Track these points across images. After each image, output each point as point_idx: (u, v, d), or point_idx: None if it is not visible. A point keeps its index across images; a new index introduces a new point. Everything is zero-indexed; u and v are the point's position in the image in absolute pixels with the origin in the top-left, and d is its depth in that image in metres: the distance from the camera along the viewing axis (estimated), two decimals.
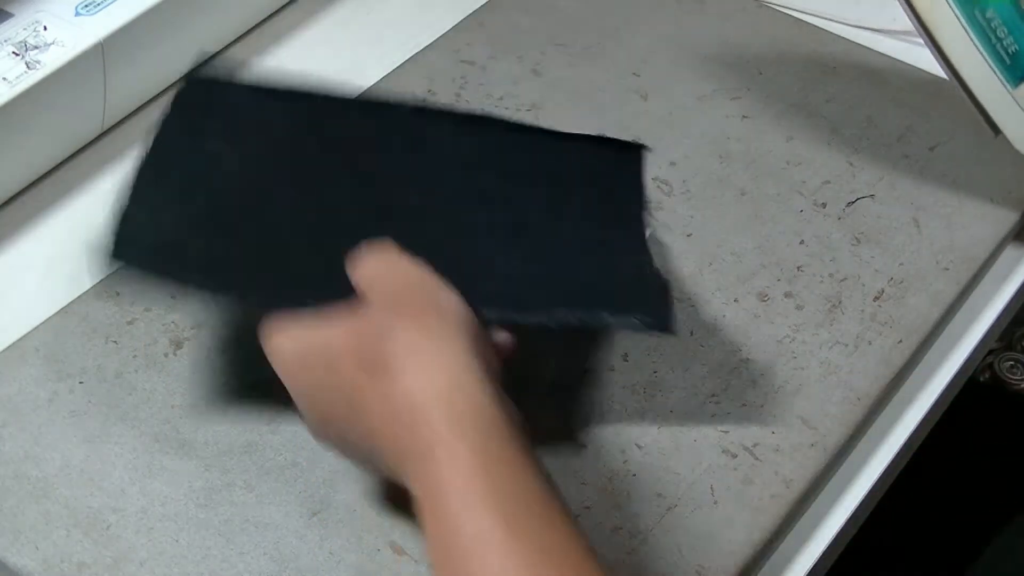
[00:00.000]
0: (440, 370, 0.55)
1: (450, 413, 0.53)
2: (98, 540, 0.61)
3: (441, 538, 0.52)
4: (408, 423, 0.54)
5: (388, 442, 0.55)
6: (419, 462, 0.53)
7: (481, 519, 0.51)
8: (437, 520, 0.52)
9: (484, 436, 0.53)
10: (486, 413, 0.54)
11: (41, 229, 0.77)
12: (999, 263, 0.77)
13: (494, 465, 0.52)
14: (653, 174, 0.78)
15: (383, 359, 0.55)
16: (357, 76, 0.86)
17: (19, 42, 0.76)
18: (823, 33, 0.88)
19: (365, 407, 0.55)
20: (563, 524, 0.52)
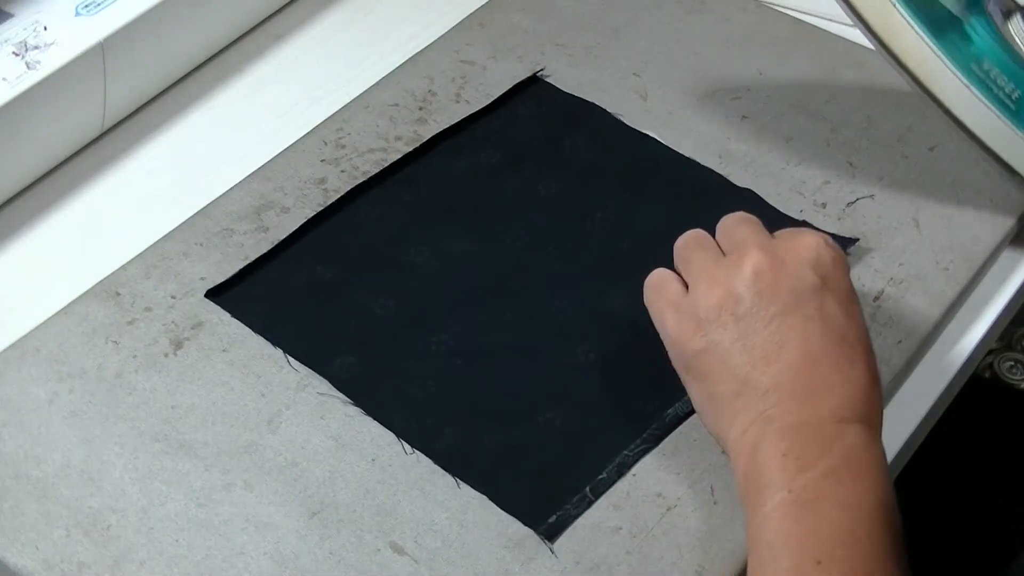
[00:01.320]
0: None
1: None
2: (98, 540, 0.61)
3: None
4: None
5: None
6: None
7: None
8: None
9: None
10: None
11: (41, 229, 0.77)
12: (999, 263, 0.77)
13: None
14: None
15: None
16: (357, 76, 0.86)
17: (19, 42, 0.76)
18: (823, 33, 0.88)
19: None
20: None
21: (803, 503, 0.56)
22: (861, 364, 0.60)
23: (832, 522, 0.55)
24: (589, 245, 0.74)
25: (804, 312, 0.60)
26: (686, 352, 0.62)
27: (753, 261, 0.61)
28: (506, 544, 0.61)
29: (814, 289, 0.60)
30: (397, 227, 0.74)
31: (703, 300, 0.61)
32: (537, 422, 0.65)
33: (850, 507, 0.56)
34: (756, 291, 0.60)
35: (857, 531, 0.55)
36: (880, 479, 0.57)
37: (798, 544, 0.55)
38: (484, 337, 0.69)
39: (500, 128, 0.80)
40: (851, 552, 0.55)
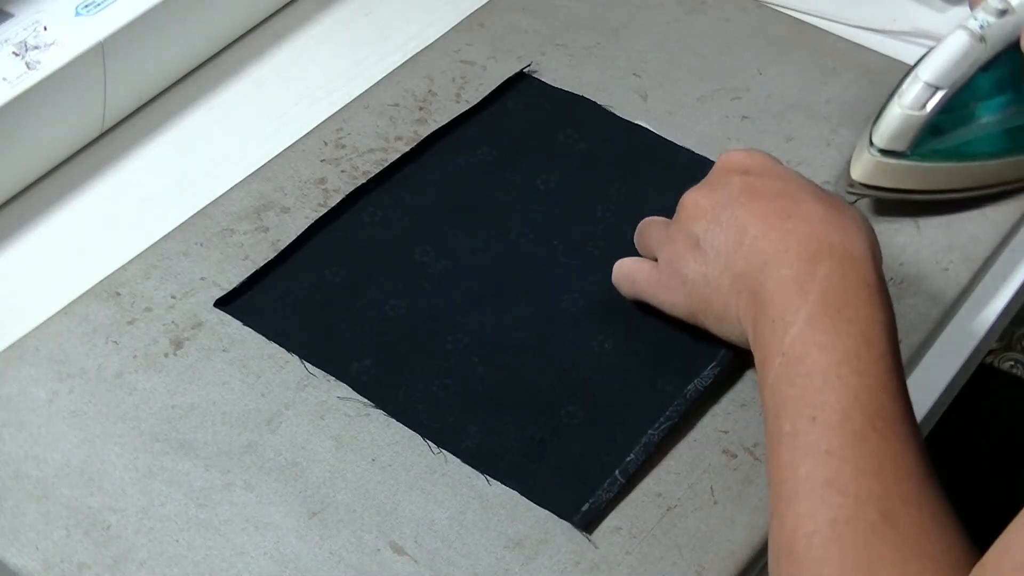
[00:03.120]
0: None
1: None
2: (98, 540, 0.61)
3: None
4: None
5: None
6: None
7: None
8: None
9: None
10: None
11: (41, 229, 0.77)
12: (999, 263, 0.77)
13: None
14: None
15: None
16: (357, 76, 0.86)
17: (19, 42, 0.76)
18: (823, 33, 0.88)
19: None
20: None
21: (794, 361, 0.58)
22: (810, 198, 0.63)
23: (820, 370, 0.57)
24: (593, 236, 0.74)
25: (742, 202, 0.64)
26: (685, 302, 0.66)
27: (687, 200, 0.67)
28: (506, 544, 0.61)
29: (741, 183, 0.65)
30: (401, 228, 0.75)
31: (671, 255, 0.66)
32: (559, 415, 0.66)
33: (833, 348, 0.57)
34: (699, 217, 0.65)
35: (841, 371, 0.57)
36: (863, 304, 0.59)
37: (794, 405, 0.57)
38: (499, 333, 0.69)
39: (493, 125, 0.80)
40: (839, 396, 0.56)
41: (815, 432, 0.56)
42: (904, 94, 0.73)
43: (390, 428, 0.65)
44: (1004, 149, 0.75)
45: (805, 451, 0.56)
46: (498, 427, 0.65)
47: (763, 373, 0.60)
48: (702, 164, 0.78)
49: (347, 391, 0.67)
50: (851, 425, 0.55)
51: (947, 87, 0.72)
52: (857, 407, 0.56)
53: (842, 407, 0.56)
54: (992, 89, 0.74)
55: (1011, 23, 0.71)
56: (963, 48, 0.71)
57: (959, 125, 0.75)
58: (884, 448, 0.55)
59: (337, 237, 0.74)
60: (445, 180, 0.77)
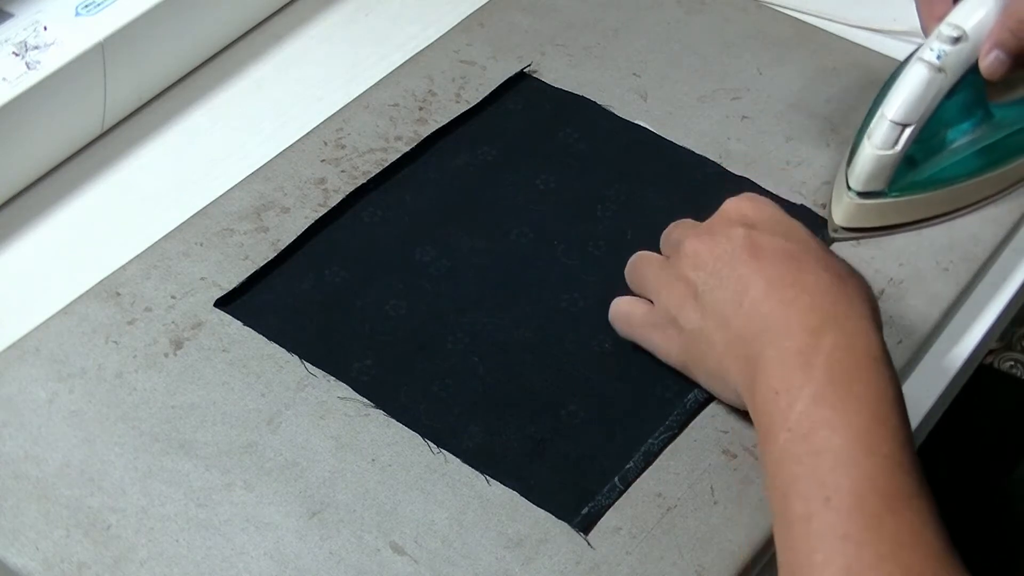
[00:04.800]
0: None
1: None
2: (98, 540, 0.61)
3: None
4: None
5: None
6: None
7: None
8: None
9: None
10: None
11: (41, 229, 0.77)
12: (999, 263, 0.77)
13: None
14: None
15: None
16: (357, 76, 0.86)
17: (19, 42, 0.76)
18: (823, 33, 0.88)
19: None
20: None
21: (801, 438, 0.56)
22: (815, 270, 0.61)
23: (831, 450, 0.55)
24: (593, 236, 0.74)
25: (746, 258, 0.62)
26: (679, 352, 0.65)
27: (688, 248, 0.65)
28: (506, 544, 0.61)
29: (745, 237, 0.63)
30: (401, 228, 0.74)
31: (668, 301, 0.65)
32: (560, 415, 0.66)
33: (845, 428, 0.56)
34: (699, 268, 0.64)
35: (855, 452, 0.55)
36: (871, 378, 0.58)
37: (804, 485, 0.55)
38: (499, 333, 0.69)
39: (493, 125, 0.80)
40: (853, 478, 0.55)
41: (829, 515, 0.54)
42: (874, 135, 0.72)
43: (390, 428, 0.65)
44: (979, 168, 0.75)
45: (820, 536, 0.54)
46: (498, 427, 0.65)
47: (766, 446, 0.58)
48: (702, 164, 0.78)
49: (347, 391, 0.67)
50: (867, 508, 0.54)
51: (915, 122, 0.72)
52: (872, 489, 0.54)
53: (856, 489, 0.54)
54: (959, 114, 0.74)
55: (967, 49, 0.71)
56: (924, 81, 0.71)
57: (932, 154, 0.74)
58: (902, 529, 0.53)
59: (337, 237, 0.74)
60: (445, 180, 0.77)
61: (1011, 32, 0.71)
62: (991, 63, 0.71)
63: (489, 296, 0.71)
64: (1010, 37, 0.71)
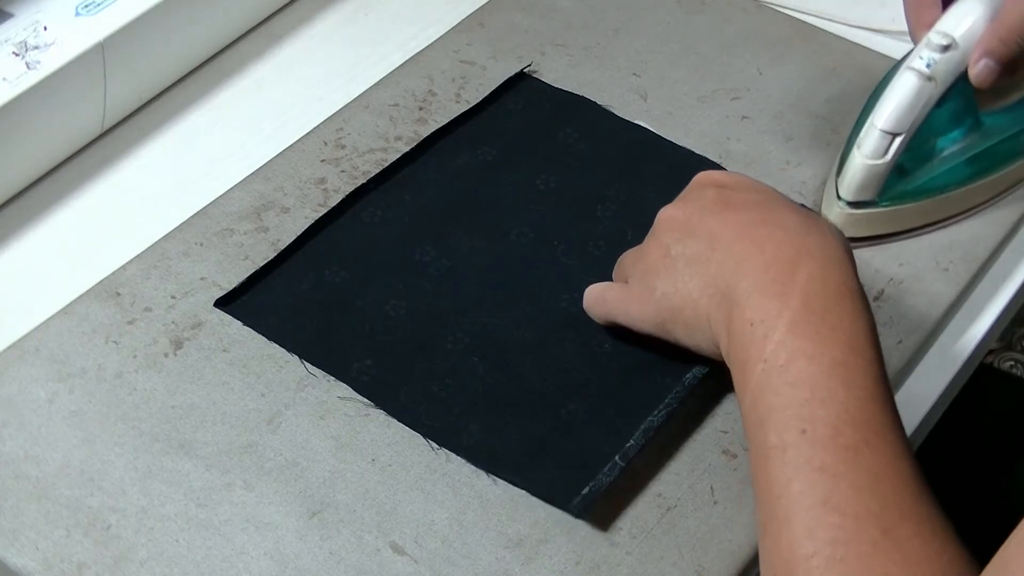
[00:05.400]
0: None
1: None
2: (98, 540, 0.61)
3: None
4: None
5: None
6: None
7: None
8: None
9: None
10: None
11: (41, 229, 0.77)
12: (999, 263, 0.77)
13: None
14: None
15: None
16: (357, 76, 0.86)
17: (19, 42, 0.76)
18: (823, 33, 0.88)
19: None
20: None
21: (778, 369, 0.56)
22: (785, 209, 0.62)
23: (807, 380, 0.56)
24: (593, 236, 0.74)
25: (715, 212, 0.63)
26: (654, 312, 0.65)
27: (661, 216, 0.66)
28: (506, 544, 0.61)
29: (716, 195, 0.64)
30: (401, 228, 0.75)
31: (642, 270, 0.66)
32: (560, 415, 0.66)
33: (819, 357, 0.56)
34: (672, 229, 0.65)
35: (831, 382, 0.55)
36: (847, 311, 0.58)
37: (780, 416, 0.56)
38: (499, 333, 0.69)
39: (493, 125, 0.80)
40: (829, 409, 0.55)
41: (805, 447, 0.54)
42: (863, 144, 0.72)
43: (390, 428, 0.65)
44: (970, 176, 0.75)
45: (796, 467, 0.54)
46: (498, 427, 0.65)
47: (742, 378, 0.58)
48: (702, 164, 0.78)
49: (347, 391, 0.67)
50: (843, 440, 0.54)
51: (904, 131, 0.71)
52: (848, 421, 0.55)
53: (832, 421, 0.55)
54: (949, 122, 0.74)
55: (957, 57, 0.71)
56: (914, 91, 0.71)
57: (923, 162, 0.74)
58: (878, 463, 0.54)
59: (337, 237, 0.74)
60: (445, 180, 0.77)
61: (1001, 40, 0.70)
62: (980, 71, 0.71)
63: (489, 296, 0.71)
64: (1000, 45, 0.70)
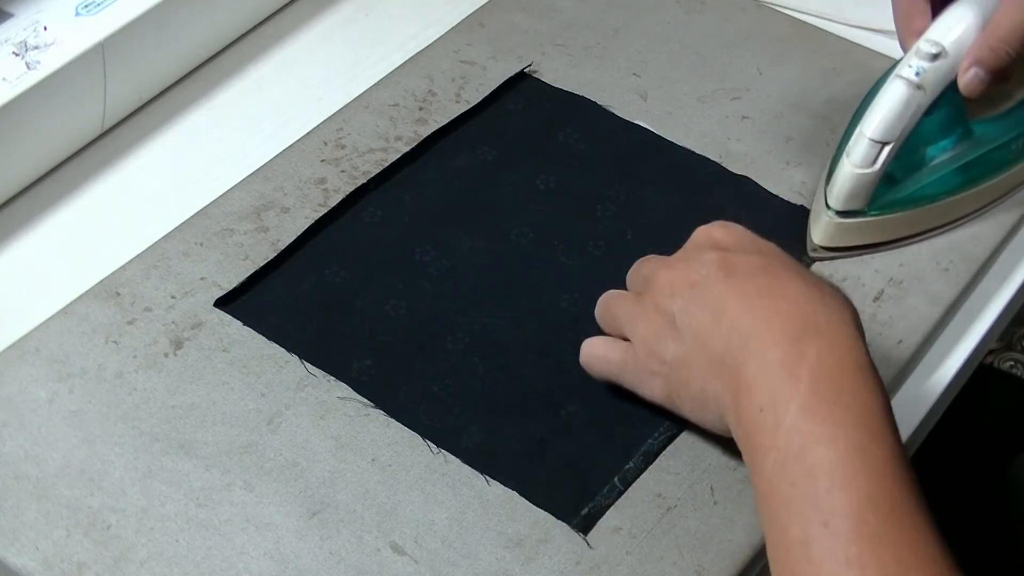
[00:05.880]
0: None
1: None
2: (98, 540, 0.61)
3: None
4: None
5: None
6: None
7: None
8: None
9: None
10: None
11: (41, 229, 0.77)
12: (999, 263, 0.77)
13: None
14: None
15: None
16: (357, 76, 0.86)
17: (19, 42, 0.76)
18: (823, 33, 0.88)
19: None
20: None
21: (792, 458, 0.54)
22: (790, 276, 0.60)
23: (824, 469, 0.54)
24: (593, 236, 0.74)
25: (719, 278, 0.61)
26: (663, 385, 0.63)
27: (661, 279, 0.63)
28: (506, 544, 0.61)
29: (719, 259, 0.62)
30: (401, 228, 0.75)
31: (645, 334, 0.63)
32: (560, 416, 0.66)
33: (835, 443, 0.54)
34: (675, 295, 0.62)
35: (850, 470, 0.53)
36: (859, 389, 0.56)
37: (799, 508, 0.54)
38: (499, 334, 0.69)
39: (493, 125, 0.80)
40: (850, 498, 0.53)
41: (828, 540, 0.52)
42: (852, 153, 0.71)
43: (390, 428, 0.65)
44: (960, 185, 0.74)
45: (821, 562, 0.52)
46: (498, 427, 0.65)
47: (754, 465, 0.56)
48: (702, 164, 0.78)
49: (347, 391, 0.67)
50: (867, 529, 0.52)
51: (894, 140, 0.71)
52: (871, 508, 0.52)
53: (855, 510, 0.52)
54: (938, 131, 0.73)
55: (946, 66, 0.70)
56: (903, 99, 0.70)
57: (912, 171, 0.73)
58: (906, 550, 0.52)
59: (337, 237, 0.74)
60: (445, 180, 0.77)
61: (991, 49, 0.69)
62: (970, 80, 0.70)
63: (489, 296, 0.71)
64: (990, 54, 0.70)
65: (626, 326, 0.65)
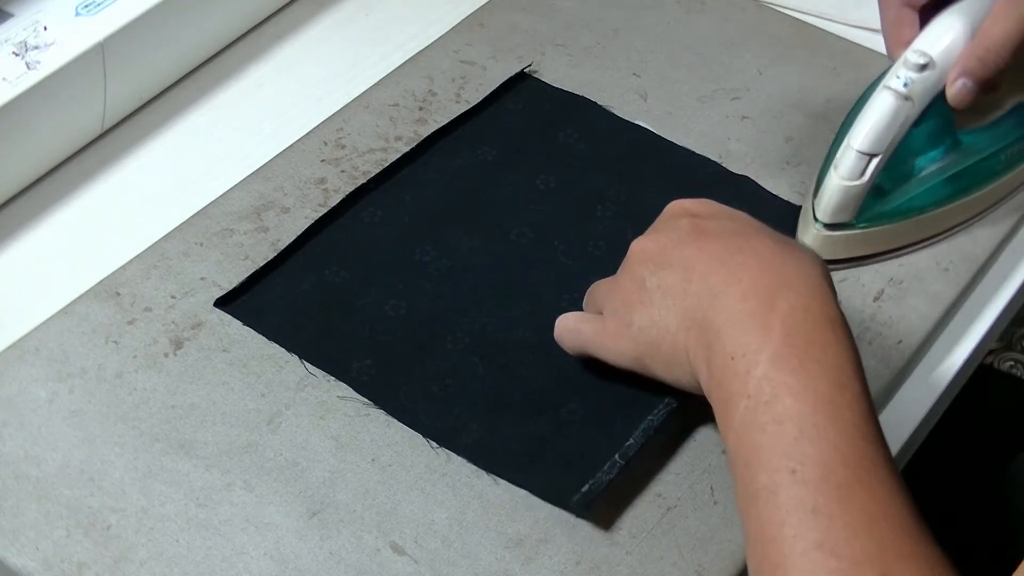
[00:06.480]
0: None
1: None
2: (98, 540, 0.61)
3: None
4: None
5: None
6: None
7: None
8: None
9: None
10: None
11: (41, 229, 0.77)
12: (999, 263, 0.77)
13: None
14: None
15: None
16: (357, 76, 0.86)
17: (19, 42, 0.76)
18: (823, 33, 0.88)
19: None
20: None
21: (763, 406, 0.55)
22: (761, 236, 0.60)
23: (794, 417, 0.54)
24: (593, 236, 0.74)
25: (689, 242, 0.61)
26: (631, 347, 0.63)
27: (634, 247, 0.64)
28: (506, 544, 0.61)
29: (690, 224, 0.62)
30: (401, 228, 0.75)
31: (617, 303, 0.64)
32: (559, 415, 0.66)
33: (805, 393, 0.54)
34: (646, 261, 0.63)
35: (817, 419, 0.54)
36: (830, 342, 0.56)
37: (767, 455, 0.54)
38: (499, 333, 0.69)
39: (493, 125, 0.80)
40: (818, 447, 0.53)
41: (796, 487, 0.53)
42: (840, 165, 0.71)
43: (390, 428, 0.65)
44: (949, 196, 0.74)
45: (788, 509, 0.52)
46: (498, 426, 0.65)
47: (725, 415, 0.57)
48: (702, 164, 0.78)
49: (347, 391, 0.67)
50: (834, 479, 0.52)
51: (882, 152, 0.70)
52: (839, 459, 0.53)
53: (823, 460, 0.53)
54: (927, 142, 0.73)
55: (934, 76, 0.70)
56: (891, 111, 0.70)
57: (901, 183, 0.73)
58: (872, 502, 0.52)
59: (337, 237, 0.74)
60: (445, 180, 0.77)
61: (979, 60, 0.69)
62: (958, 91, 0.70)
63: (489, 296, 0.71)
64: (978, 65, 0.69)
65: (601, 301, 0.66)
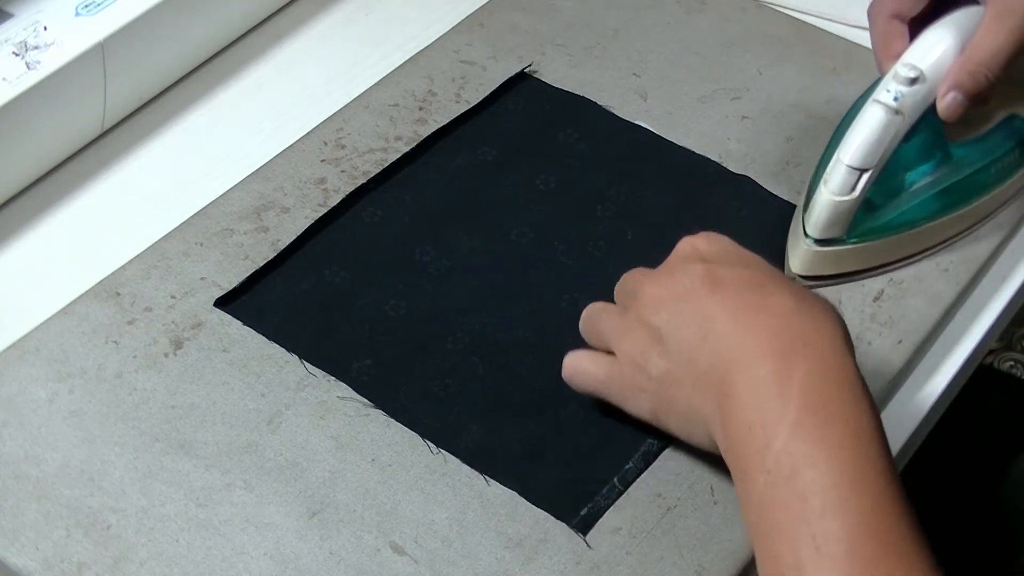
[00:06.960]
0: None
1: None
2: (98, 540, 0.61)
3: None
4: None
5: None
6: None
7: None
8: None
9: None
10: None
11: (41, 229, 0.77)
12: (999, 263, 0.77)
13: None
14: None
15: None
16: (357, 76, 0.86)
17: (19, 42, 0.76)
18: (823, 33, 0.88)
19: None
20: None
21: (783, 480, 0.54)
22: (777, 289, 0.59)
23: (816, 492, 0.53)
24: (593, 236, 0.74)
25: (706, 292, 0.60)
26: (650, 401, 0.63)
27: (647, 292, 0.62)
28: (506, 544, 0.61)
29: (704, 272, 0.61)
30: (401, 228, 0.75)
31: (631, 350, 0.62)
32: (559, 416, 0.66)
33: (827, 465, 0.53)
34: (660, 309, 0.61)
35: (843, 493, 0.53)
36: (850, 406, 0.55)
37: (791, 532, 0.53)
38: (499, 334, 0.69)
39: (493, 125, 0.80)
40: (843, 522, 0.52)
41: (822, 564, 0.51)
42: (830, 180, 0.70)
43: (390, 428, 0.65)
44: (940, 210, 0.73)
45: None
46: (498, 427, 0.65)
47: (743, 485, 0.56)
48: (702, 164, 0.78)
49: (347, 391, 0.67)
50: (861, 553, 0.51)
51: (872, 166, 0.69)
52: (865, 533, 0.52)
53: (848, 535, 0.52)
54: (917, 156, 0.72)
55: (924, 90, 0.69)
56: (882, 125, 0.69)
57: (891, 197, 0.72)
58: (899, 572, 0.51)
59: (337, 237, 0.74)
60: (445, 180, 0.77)
61: (969, 73, 0.68)
62: (949, 105, 0.69)
63: (489, 296, 0.71)
64: (969, 79, 0.69)
65: (611, 340, 0.64)
